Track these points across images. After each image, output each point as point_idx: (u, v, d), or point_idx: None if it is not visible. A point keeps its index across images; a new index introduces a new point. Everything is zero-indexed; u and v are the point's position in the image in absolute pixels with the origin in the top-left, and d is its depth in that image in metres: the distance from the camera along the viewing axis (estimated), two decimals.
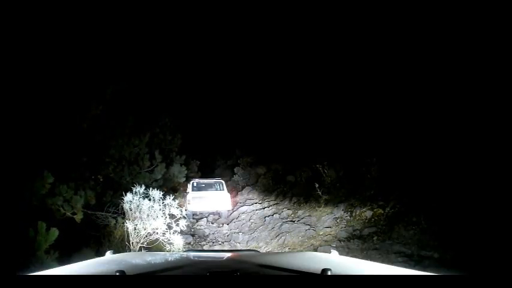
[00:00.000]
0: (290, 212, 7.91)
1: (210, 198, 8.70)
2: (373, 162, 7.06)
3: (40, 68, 4.34)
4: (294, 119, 11.64)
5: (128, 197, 4.88)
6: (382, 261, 2.96)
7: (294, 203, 8.37)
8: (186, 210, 5.32)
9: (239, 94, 15.21)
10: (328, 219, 6.56)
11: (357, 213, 6.18)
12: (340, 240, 5.48)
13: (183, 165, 9.23)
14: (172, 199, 4.87)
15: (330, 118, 9.78)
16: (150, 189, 5.00)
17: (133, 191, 4.95)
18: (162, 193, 4.98)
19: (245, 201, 10.14)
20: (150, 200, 4.85)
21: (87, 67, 5.35)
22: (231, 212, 9.14)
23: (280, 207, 8.51)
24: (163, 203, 4.82)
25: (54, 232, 3.29)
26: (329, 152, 8.69)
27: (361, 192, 6.77)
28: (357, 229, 5.66)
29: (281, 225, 7.14)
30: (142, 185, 5.07)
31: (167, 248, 4.58)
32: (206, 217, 8.83)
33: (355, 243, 5.22)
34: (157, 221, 4.66)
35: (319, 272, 1.03)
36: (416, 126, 6.49)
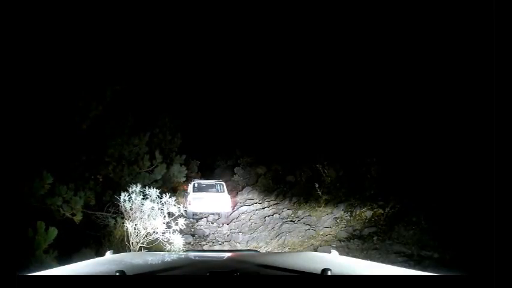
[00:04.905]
0: (290, 212, 7.91)
1: (211, 200, 8.72)
2: (373, 162, 7.07)
3: (40, 69, 4.34)
4: (293, 119, 11.64)
5: (124, 196, 4.82)
6: (382, 261, 2.96)
7: (294, 203, 8.38)
8: (185, 208, 5.26)
9: (239, 94, 15.21)
10: (328, 219, 6.56)
11: (357, 213, 6.18)
12: (340, 240, 5.48)
13: (183, 165, 9.22)
14: (169, 197, 4.83)
15: (330, 118, 9.78)
16: (146, 187, 4.95)
17: (130, 190, 4.89)
18: (158, 191, 4.92)
19: (245, 201, 10.15)
20: (146, 198, 4.80)
21: (87, 67, 5.35)
22: (231, 212, 9.15)
23: (280, 207, 8.51)
24: (161, 201, 4.78)
25: (53, 232, 3.28)
26: (329, 152, 8.68)
27: (361, 192, 6.77)
28: (357, 229, 5.66)
29: (281, 225, 7.14)
30: (138, 184, 5.00)
31: (167, 248, 4.57)
32: (206, 217, 8.84)
33: (355, 243, 5.22)
34: (157, 220, 4.63)
35: (319, 272, 1.02)
36: (417, 126, 6.49)
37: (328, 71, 10.45)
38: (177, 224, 4.62)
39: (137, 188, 4.87)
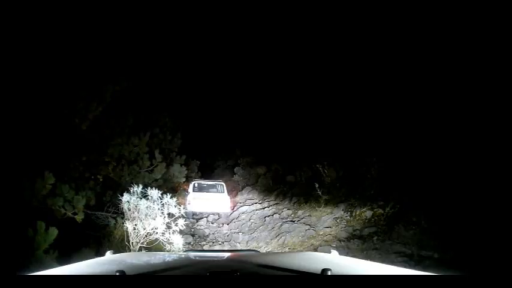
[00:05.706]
0: (290, 212, 7.91)
1: (210, 200, 8.75)
2: (373, 162, 7.07)
3: (41, 71, 4.34)
4: (293, 119, 11.64)
5: (126, 197, 4.83)
6: (382, 261, 2.96)
7: (294, 203, 8.37)
8: (185, 209, 5.26)
9: (239, 94, 15.21)
10: (328, 219, 6.56)
11: (357, 213, 6.18)
12: (340, 240, 5.48)
13: (183, 165, 9.21)
14: (170, 197, 4.83)
15: (330, 118, 9.78)
16: (148, 188, 4.95)
17: (131, 190, 4.90)
18: (160, 192, 4.93)
19: (245, 201, 10.14)
20: (147, 199, 4.80)
21: (87, 68, 5.35)
22: (231, 212, 9.15)
23: (280, 207, 8.51)
24: (161, 202, 4.78)
25: (54, 232, 3.28)
26: (329, 152, 8.69)
27: (361, 192, 6.77)
28: (357, 229, 5.66)
29: (281, 225, 7.14)
30: (140, 185, 5.01)
31: (167, 248, 4.57)
32: (206, 217, 8.84)
33: (355, 243, 5.22)
34: (157, 220, 4.64)
35: (319, 272, 1.02)
36: (416, 126, 6.49)
37: (328, 70, 10.45)
38: (176, 224, 4.63)
39: (139, 188, 4.87)
